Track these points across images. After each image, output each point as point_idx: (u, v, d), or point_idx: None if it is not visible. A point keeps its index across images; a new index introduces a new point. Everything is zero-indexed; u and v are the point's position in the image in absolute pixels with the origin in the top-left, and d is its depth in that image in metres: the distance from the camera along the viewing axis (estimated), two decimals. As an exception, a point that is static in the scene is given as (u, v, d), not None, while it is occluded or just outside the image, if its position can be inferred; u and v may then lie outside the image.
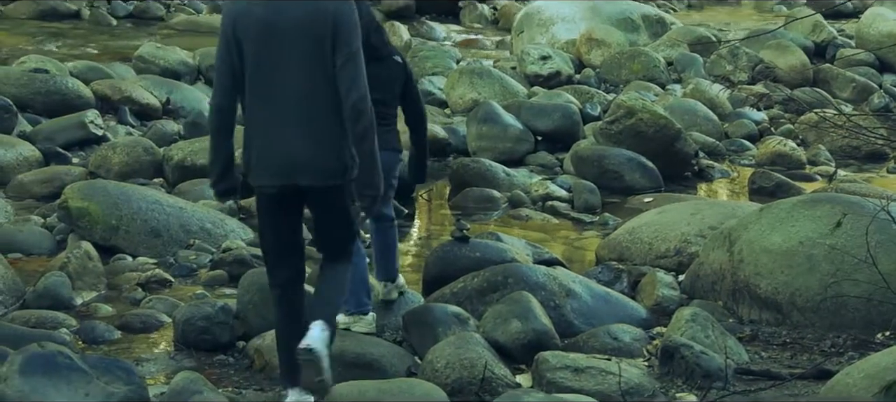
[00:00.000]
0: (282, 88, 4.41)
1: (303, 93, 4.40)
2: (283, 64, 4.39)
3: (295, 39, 4.38)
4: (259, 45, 4.39)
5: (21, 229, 7.18)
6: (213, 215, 7.38)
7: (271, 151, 4.42)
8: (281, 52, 4.39)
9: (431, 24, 18.44)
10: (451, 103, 11.59)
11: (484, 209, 8.41)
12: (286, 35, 4.38)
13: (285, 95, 4.41)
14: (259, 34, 4.39)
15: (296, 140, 4.40)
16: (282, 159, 4.42)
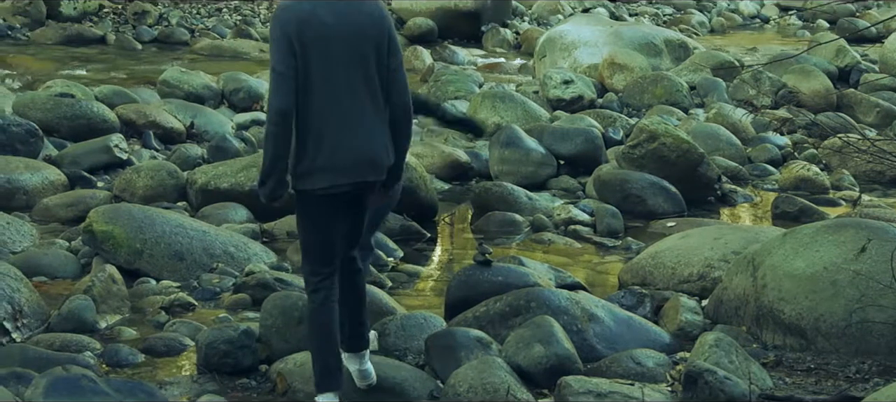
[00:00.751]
0: (349, 90, 4.58)
1: (365, 95, 4.61)
2: (349, 67, 4.57)
3: (359, 44, 4.58)
4: (328, 50, 4.53)
5: (46, 253, 7.22)
6: (237, 238, 7.40)
7: (343, 151, 4.56)
8: (347, 55, 4.56)
9: (454, 48, 18.50)
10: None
11: (506, 233, 8.40)
12: (352, 40, 4.57)
13: (352, 97, 4.58)
14: (328, 39, 4.53)
15: (365, 139, 4.60)
16: (355, 158, 4.58)
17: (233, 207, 8.20)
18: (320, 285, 4.68)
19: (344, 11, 4.58)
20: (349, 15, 4.59)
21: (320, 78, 4.54)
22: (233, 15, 21.46)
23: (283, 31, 4.52)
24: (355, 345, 4.96)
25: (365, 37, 4.59)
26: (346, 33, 4.56)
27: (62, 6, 20.48)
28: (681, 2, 24.81)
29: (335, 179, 4.57)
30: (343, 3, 4.60)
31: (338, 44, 4.55)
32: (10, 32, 18.90)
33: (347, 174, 4.58)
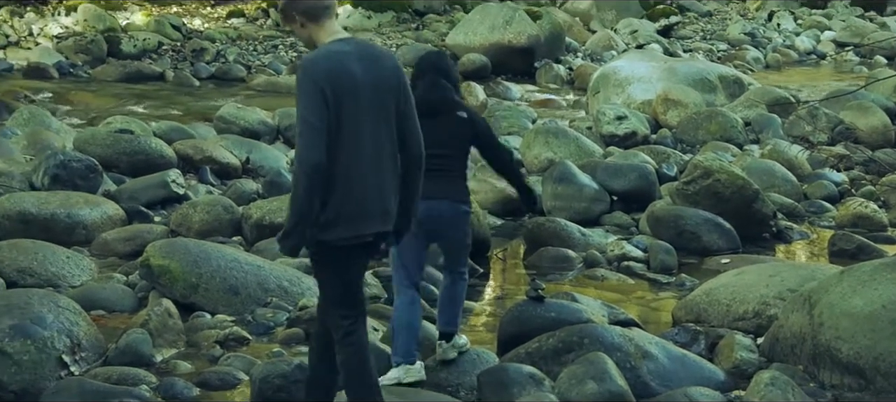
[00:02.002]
0: (374, 141, 4.56)
1: (386, 145, 4.59)
2: (373, 118, 4.54)
3: (382, 94, 4.57)
4: (356, 101, 4.50)
5: (104, 287, 7.31)
6: (291, 273, 7.45)
7: (368, 201, 4.53)
8: (373, 106, 4.54)
9: (507, 84, 18.55)
10: (527, 163, 11.61)
11: (559, 269, 8.38)
12: (376, 91, 4.55)
13: (375, 147, 4.56)
14: (356, 90, 4.50)
15: (384, 190, 4.58)
16: (377, 209, 4.56)
17: (287, 242, 8.25)
18: (352, 328, 4.60)
19: (368, 62, 4.56)
20: (373, 65, 4.57)
21: (349, 129, 4.49)
22: (289, 51, 21.70)
23: (316, 83, 4.45)
24: None
25: (387, 87, 4.58)
26: (371, 84, 4.53)
27: (122, 44, 20.85)
28: (736, 38, 24.70)
29: (359, 229, 4.52)
30: (366, 54, 4.58)
31: (364, 95, 4.52)
32: (72, 70, 19.26)
33: (370, 224, 4.55)
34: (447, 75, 5.90)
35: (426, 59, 6.08)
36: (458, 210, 5.73)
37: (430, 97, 5.76)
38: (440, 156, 5.58)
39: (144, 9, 24.25)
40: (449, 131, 5.76)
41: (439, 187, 5.59)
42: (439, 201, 5.61)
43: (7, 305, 5.87)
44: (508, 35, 19.93)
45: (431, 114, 5.58)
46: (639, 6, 25.84)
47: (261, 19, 24.18)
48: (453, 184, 5.74)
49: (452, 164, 5.76)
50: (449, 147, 5.72)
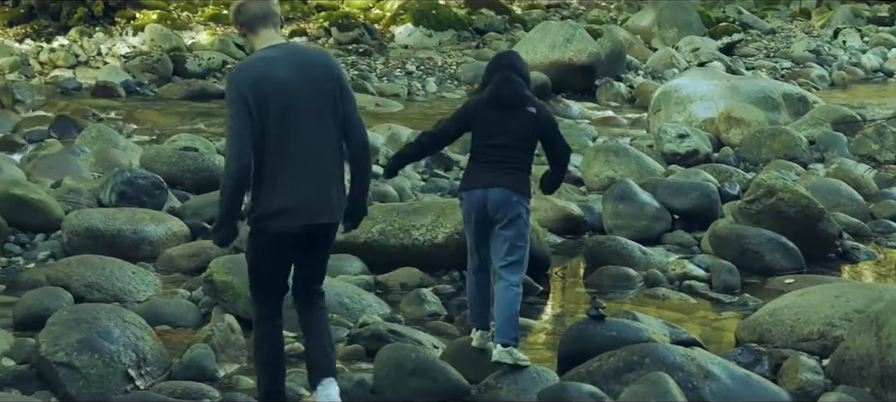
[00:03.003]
0: (303, 141, 4.89)
1: (321, 143, 4.94)
2: (304, 119, 4.89)
3: (313, 96, 4.91)
4: (282, 104, 4.85)
5: (169, 302, 7.41)
6: (351, 289, 7.49)
7: (295, 197, 4.89)
8: (301, 108, 4.88)
9: (567, 102, 18.52)
10: (587, 181, 11.58)
11: (619, 288, 8.34)
12: (306, 92, 4.89)
13: (306, 147, 4.89)
14: (282, 93, 4.85)
15: (317, 186, 4.93)
16: (307, 204, 4.91)
17: (348, 258, 8.31)
18: (268, 314, 5.10)
19: (297, 65, 4.91)
20: (303, 68, 4.92)
21: (275, 131, 4.84)
22: (350, 70, 21.85)
23: (238, 91, 4.82)
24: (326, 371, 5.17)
25: (319, 88, 4.92)
26: (300, 86, 4.88)
27: (187, 63, 21.15)
28: (800, 55, 24.43)
29: (288, 221, 4.90)
30: (293, 57, 4.95)
31: (292, 97, 4.86)
32: (138, 88, 19.56)
33: (299, 218, 4.90)
34: (519, 72, 6.13)
35: (500, 57, 6.33)
36: (510, 198, 5.95)
37: (502, 92, 6.04)
38: (505, 146, 5.96)
39: (209, 28, 24.57)
40: (517, 125, 6.00)
41: (499, 177, 5.93)
42: (497, 190, 5.91)
43: (75, 319, 5.98)
44: (569, 53, 19.90)
45: (503, 107, 5.99)
46: (701, 24, 25.67)
47: (322, 38, 24.39)
48: (514, 175, 5.98)
49: (516, 155, 6.01)
50: (515, 140, 6.00)
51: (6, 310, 7.30)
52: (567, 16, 27.20)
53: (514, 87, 6.05)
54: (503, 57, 6.33)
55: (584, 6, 29.06)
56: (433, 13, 25.49)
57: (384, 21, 25.84)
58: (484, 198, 5.93)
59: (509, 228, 5.95)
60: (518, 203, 5.97)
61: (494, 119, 5.98)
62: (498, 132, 5.96)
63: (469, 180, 6.08)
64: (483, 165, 6.00)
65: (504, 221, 5.94)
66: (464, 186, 6.10)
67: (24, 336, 6.41)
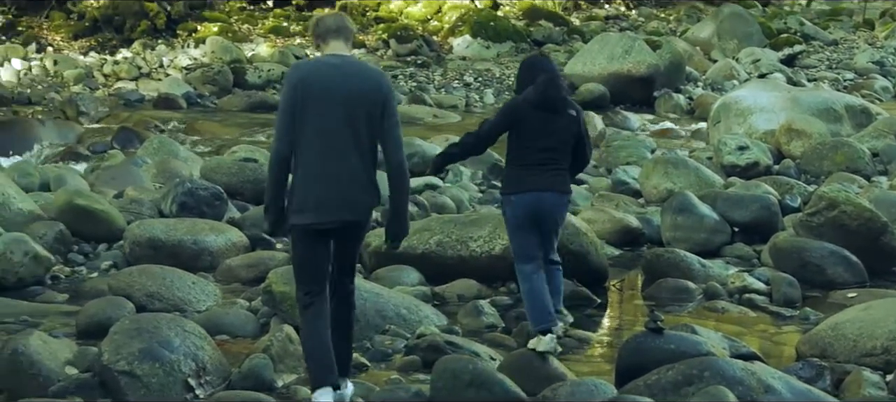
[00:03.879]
0: (338, 144, 5.29)
1: (351, 148, 5.30)
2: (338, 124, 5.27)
3: (354, 104, 5.28)
4: (324, 107, 5.26)
5: (228, 312, 7.47)
6: (409, 301, 7.51)
7: (326, 195, 5.29)
8: (341, 113, 5.27)
9: (626, 113, 18.44)
10: (646, 193, 11.51)
11: (678, 301, 8.27)
12: (348, 100, 5.27)
13: (337, 149, 5.29)
14: (325, 97, 5.26)
15: (347, 187, 5.31)
16: (336, 202, 5.31)
17: (405, 269, 8.34)
18: (310, 302, 5.42)
19: (345, 74, 5.31)
20: (349, 77, 5.30)
21: (311, 130, 5.26)
22: (408, 81, 21.94)
23: (286, 88, 5.35)
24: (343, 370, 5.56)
25: (362, 98, 5.29)
26: (343, 93, 5.26)
27: (248, 74, 21.38)
28: (863, 66, 24.11)
29: (320, 216, 5.30)
30: (346, 67, 5.35)
31: (334, 102, 5.25)
32: (199, 100, 19.81)
33: (323, 214, 5.30)
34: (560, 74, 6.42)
35: (536, 60, 6.60)
36: (562, 201, 6.35)
37: (550, 94, 6.22)
38: (551, 149, 6.21)
39: (269, 41, 24.81)
40: (561, 128, 6.24)
41: (548, 180, 6.23)
42: (547, 193, 6.23)
43: (137, 328, 6.05)
44: (627, 64, 19.82)
45: (549, 109, 6.20)
46: (761, 35, 25.42)
47: (381, 50, 24.52)
48: (559, 176, 6.30)
49: (560, 158, 6.29)
50: (559, 142, 6.24)
51: (69, 319, 7.41)
52: (626, 27, 27.10)
53: (560, 89, 6.24)
54: (540, 60, 6.55)
55: (643, 18, 28.92)
56: (491, 25, 25.52)
57: (442, 33, 25.92)
58: (538, 201, 6.18)
59: (558, 226, 6.40)
60: (568, 204, 6.47)
61: (541, 121, 6.18)
62: (545, 134, 6.15)
63: (519, 183, 6.22)
64: (532, 168, 6.19)
65: (555, 222, 6.31)
66: (512, 189, 6.25)
67: (87, 345, 6.50)
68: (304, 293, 5.46)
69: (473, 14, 26.23)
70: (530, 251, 6.31)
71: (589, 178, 12.68)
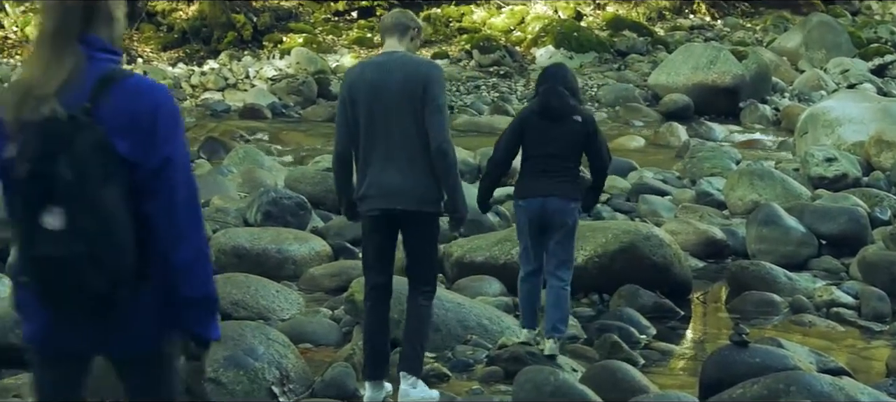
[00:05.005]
0: (386, 135, 5.55)
1: (401, 138, 5.53)
2: (386, 117, 5.53)
3: (396, 97, 5.51)
4: (369, 103, 5.56)
5: (311, 320, 7.54)
6: (490, 311, 7.51)
7: (377, 184, 5.58)
8: (384, 107, 5.53)
9: (710, 124, 18.24)
10: (730, 205, 11.37)
11: (763, 314, 8.16)
12: (389, 93, 5.52)
13: (388, 141, 5.55)
14: (370, 94, 5.56)
15: (395, 176, 5.55)
16: (385, 191, 5.56)
17: (487, 280, 8.34)
18: (370, 294, 5.75)
19: (386, 69, 5.57)
20: (391, 73, 5.54)
21: (364, 126, 5.58)
22: (491, 92, 21.95)
23: (341, 92, 5.77)
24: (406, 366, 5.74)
25: (403, 91, 5.50)
26: (385, 89, 5.53)
27: (332, 85, 21.57)
28: (956, 75, 23.54)
29: (371, 205, 5.63)
30: (390, 63, 5.59)
31: (377, 98, 5.54)
32: (284, 110, 20.04)
33: (380, 202, 5.59)
34: (565, 83, 6.60)
35: (548, 69, 6.88)
36: (567, 206, 6.48)
37: (549, 103, 6.55)
38: (554, 156, 6.49)
39: (353, 51, 25.02)
40: (563, 135, 6.49)
41: (556, 186, 6.46)
42: (550, 198, 6.45)
43: (222, 336, 6.12)
44: (712, 75, 19.61)
45: (550, 118, 6.52)
46: (850, 45, 24.94)
47: (464, 60, 24.57)
48: (567, 183, 6.50)
49: (566, 164, 6.52)
50: (563, 149, 6.50)
51: (156, 325, 7.52)
52: (711, 37, 26.79)
53: (561, 98, 6.51)
54: (550, 69, 6.84)
55: (728, 28, 28.58)
56: (574, 35, 25.43)
57: (525, 43, 25.89)
58: (542, 206, 6.47)
59: (563, 232, 6.48)
60: (574, 210, 6.53)
61: (544, 129, 6.51)
62: (548, 142, 6.48)
63: (525, 189, 6.59)
64: (538, 174, 6.50)
65: (560, 227, 6.47)
66: (520, 194, 6.61)
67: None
68: (369, 287, 5.80)
69: (556, 24, 26.16)
70: (527, 256, 6.65)
71: (672, 189, 12.57)
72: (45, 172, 2.90)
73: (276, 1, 27.30)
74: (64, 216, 2.90)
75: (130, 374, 3.20)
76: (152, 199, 3.00)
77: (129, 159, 2.97)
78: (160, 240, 3.03)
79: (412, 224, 5.67)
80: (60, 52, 3.00)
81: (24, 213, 2.95)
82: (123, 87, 3.01)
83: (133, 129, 2.98)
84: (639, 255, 8.12)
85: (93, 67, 3.01)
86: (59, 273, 2.94)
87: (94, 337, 3.11)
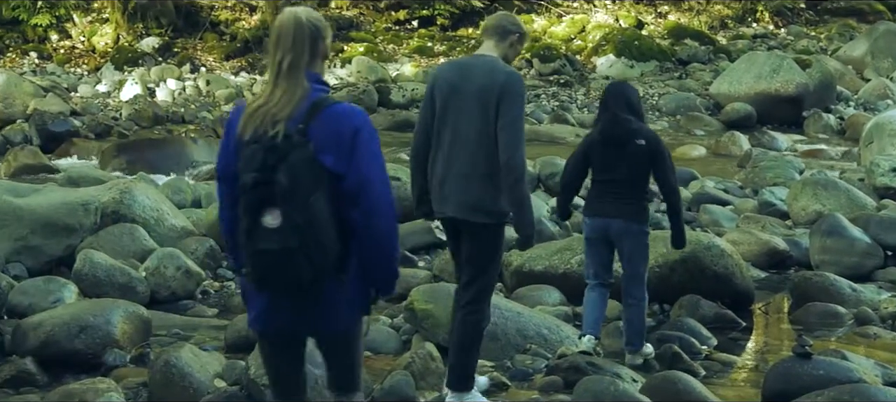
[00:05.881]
0: (453, 137, 5.46)
1: (466, 143, 5.42)
2: (457, 120, 5.45)
3: (469, 101, 5.42)
4: (445, 104, 5.49)
5: (370, 329, 7.57)
6: (550, 320, 7.49)
7: (440, 188, 5.55)
8: (457, 109, 5.46)
9: (773, 134, 18.04)
10: (793, 215, 11.24)
11: (827, 325, 8.05)
12: (464, 97, 5.44)
13: (455, 144, 5.46)
14: (447, 95, 5.49)
15: (455, 182, 5.47)
16: (445, 196, 5.51)
17: (546, 289, 8.33)
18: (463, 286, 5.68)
19: (467, 72, 5.52)
20: (470, 77, 5.47)
21: (437, 126, 5.53)
22: (551, 100, 21.91)
23: (427, 86, 5.70)
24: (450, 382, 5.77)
25: (477, 96, 5.40)
26: (461, 92, 5.46)
27: (392, 94, 21.69)
28: None
29: (439, 207, 5.61)
30: (473, 66, 5.54)
31: (452, 99, 5.47)
32: (343, 119, 20.15)
33: (437, 205, 5.60)
34: (627, 104, 6.66)
35: (607, 92, 6.87)
36: (630, 228, 6.57)
37: (611, 131, 6.63)
38: (616, 181, 6.58)
39: (413, 60, 25.11)
40: (627, 159, 6.56)
41: (615, 208, 6.57)
42: (613, 220, 6.59)
43: (282, 342, 6.18)
44: (775, 84, 19.42)
45: (612, 145, 6.60)
46: (918, 52, 24.55)
47: (524, 69, 24.57)
48: (631, 205, 6.57)
49: (631, 187, 6.59)
50: (627, 173, 6.57)
51: (218, 333, 7.62)
52: (774, 46, 26.51)
53: (622, 124, 6.58)
54: (610, 91, 6.85)
55: (792, 36, 28.26)
56: (635, 44, 25.31)
57: (586, 52, 25.82)
58: (606, 227, 6.63)
59: (628, 251, 6.63)
60: (638, 231, 6.60)
61: (607, 155, 6.63)
62: (611, 167, 6.60)
63: (592, 208, 6.73)
64: (603, 196, 6.64)
65: (626, 247, 6.62)
66: (587, 212, 6.77)
67: (234, 359, 6.66)
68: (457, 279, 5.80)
69: (617, 33, 26.06)
70: (590, 270, 6.84)
71: (734, 199, 12.46)
72: (266, 180, 3.59)
73: (338, 10, 27.49)
74: (280, 217, 3.58)
75: (329, 348, 4.02)
76: (354, 207, 3.70)
77: (333, 171, 3.68)
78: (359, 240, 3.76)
79: (465, 232, 5.59)
80: (294, 84, 3.75)
81: (248, 214, 3.64)
82: (329, 112, 3.73)
83: (336, 146, 3.69)
84: (700, 265, 8.06)
85: (309, 96, 3.75)
86: (275, 264, 3.61)
87: (303, 319, 3.85)
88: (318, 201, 3.61)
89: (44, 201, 9.30)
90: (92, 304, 7.39)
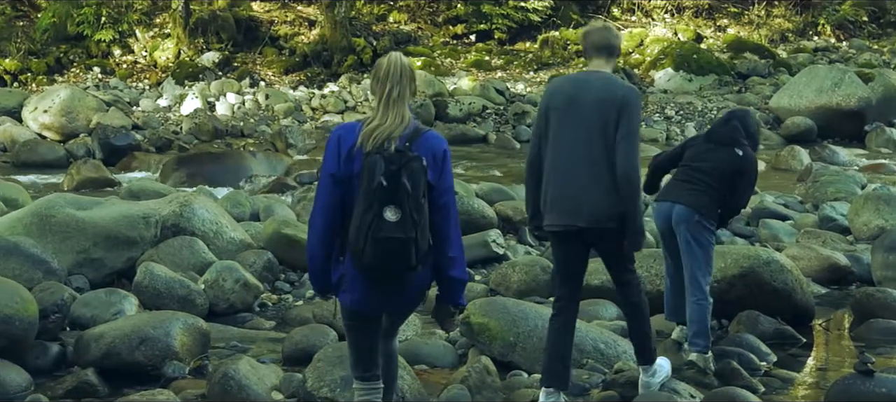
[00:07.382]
0: (569, 151, 5.64)
1: (583, 156, 5.60)
2: (573, 133, 5.62)
3: (589, 114, 5.59)
4: (562, 117, 5.66)
5: (427, 342, 7.57)
6: (607, 335, 7.45)
7: (557, 199, 5.68)
8: (575, 122, 5.63)
9: (834, 148, 17.84)
10: (855, 230, 11.09)
11: (890, 343, 7.92)
12: (582, 110, 5.62)
13: (570, 157, 5.64)
14: (564, 108, 5.67)
15: (576, 192, 5.62)
16: (564, 207, 5.65)
17: (603, 303, 8.29)
18: (559, 309, 5.87)
19: (586, 85, 5.69)
20: (587, 91, 5.65)
21: (553, 138, 5.69)
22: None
23: (541, 101, 5.86)
24: (640, 357, 6.06)
25: (596, 109, 5.58)
26: (579, 105, 5.62)
27: (449, 107, 21.75)
28: None
29: (552, 220, 5.73)
30: (590, 81, 5.71)
31: (571, 112, 5.63)
32: (401, 133, 20.22)
33: (559, 218, 5.69)
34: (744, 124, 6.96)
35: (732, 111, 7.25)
36: (692, 217, 6.66)
37: (716, 129, 6.98)
38: (701, 171, 6.77)
39: (470, 74, 25.15)
40: (718, 158, 6.79)
41: (687, 194, 6.71)
42: (682, 207, 6.69)
43: (340, 356, 6.22)
44: (836, 98, 19.20)
45: (713, 141, 6.88)
46: (983, 65, 24.15)
47: (581, 83, 24.51)
48: (701, 195, 6.71)
49: (710, 182, 6.74)
50: (713, 169, 6.75)
51: (276, 345, 7.67)
52: (835, 60, 26.20)
53: (730, 127, 6.89)
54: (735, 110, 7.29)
55: (854, 50, 27.91)
56: (694, 57, 25.15)
57: (644, 66, 25.70)
58: (670, 211, 6.75)
59: (690, 242, 6.65)
60: (699, 223, 6.66)
61: (703, 148, 6.89)
62: (702, 159, 6.80)
63: (663, 191, 6.98)
64: (678, 181, 6.83)
65: (686, 236, 6.66)
66: (658, 196, 6.93)
67: (292, 371, 6.71)
68: (556, 299, 5.96)
69: (676, 47, 25.91)
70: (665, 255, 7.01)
71: (794, 214, 12.32)
72: (392, 184, 4.49)
73: (396, 25, 27.63)
74: (400, 212, 4.49)
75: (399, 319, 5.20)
76: (437, 213, 4.67)
77: (430, 182, 4.63)
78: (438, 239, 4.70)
79: (599, 240, 5.75)
80: (400, 111, 4.69)
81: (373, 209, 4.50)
82: (427, 135, 4.74)
83: (433, 163, 4.67)
84: (759, 280, 7.97)
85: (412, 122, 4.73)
86: (395, 251, 4.53)
87: (388, 301, 4.86)
88: (425, 202, 4.58)
89: (105, 214, 9.43)
90: (152, 316, 7.48)
